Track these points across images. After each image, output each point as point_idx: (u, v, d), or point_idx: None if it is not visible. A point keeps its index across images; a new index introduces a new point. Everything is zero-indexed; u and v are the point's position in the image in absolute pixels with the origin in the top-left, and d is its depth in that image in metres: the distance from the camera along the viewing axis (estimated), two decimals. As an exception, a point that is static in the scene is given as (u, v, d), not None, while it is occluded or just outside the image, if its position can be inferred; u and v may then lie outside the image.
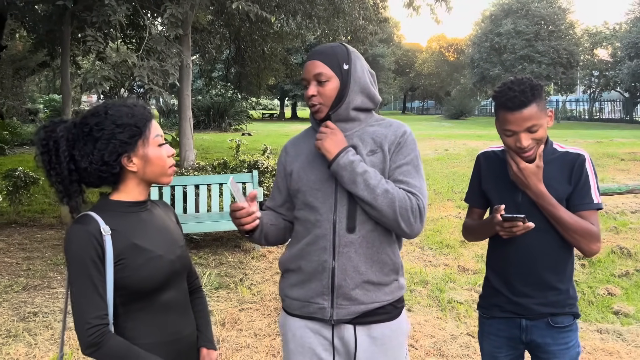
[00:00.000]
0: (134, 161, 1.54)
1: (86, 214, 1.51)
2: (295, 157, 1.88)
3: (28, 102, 29.36)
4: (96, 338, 1.43)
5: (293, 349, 1.83)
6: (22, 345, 3.71)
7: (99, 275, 1.45)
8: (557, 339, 2.02)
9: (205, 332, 1.75)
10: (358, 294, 1.74)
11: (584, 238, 1.93)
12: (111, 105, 1.54)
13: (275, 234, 1.88)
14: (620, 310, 4.39)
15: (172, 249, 1.61)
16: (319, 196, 1.77)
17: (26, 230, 7.13)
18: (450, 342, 3.79)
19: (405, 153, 1.78)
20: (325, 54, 1.78)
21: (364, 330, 1.77)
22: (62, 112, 7.89)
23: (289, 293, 1.84)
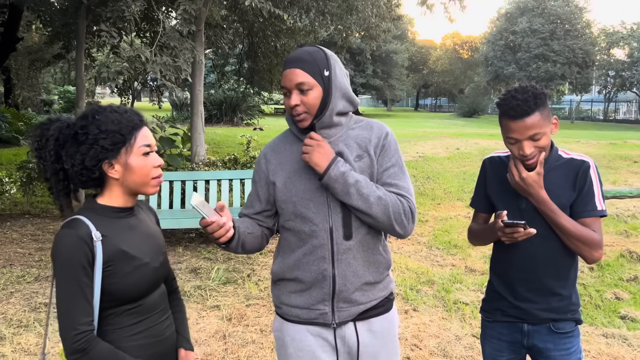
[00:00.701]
0: (116, 168, 1.53)
1: (77, 218, 1.49)
2: (278, 165, 1.85)
3: (43, 93, 29.68)
4: (83, 344, 1.43)
5: (292, 353, 1.83)
6: (33, 335, 3.79)
7: (88, 281, 1.45)
8: (558, 344, 2.04)
9: (183, 333, 1.77)
10: (357, 295, 1.79)
11: (585, 245, 1.95)
12: (102, 110, 1.54)
13: (252, 242, 1.85)
14: (627, 314, 4.37)
15: (156, 256, 1.62)
16: (311, 206, 1.76)
17: (39, 221, 7.24)
18: (455, 343, 3.81)
19: (390, 155, 1.82)
20: (306, 62, 1.74)
21: (364, 325, 1.82)
22: (76, 104, 7.99)
23: (287, 301, 1.85)
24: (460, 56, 62.52)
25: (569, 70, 40.71)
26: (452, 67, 60.63)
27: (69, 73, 32.39)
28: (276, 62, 12.87)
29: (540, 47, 40.87)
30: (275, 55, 12.52)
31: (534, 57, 41.16)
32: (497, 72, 44.32)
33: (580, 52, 40.57)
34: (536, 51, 40.92)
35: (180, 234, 6.59)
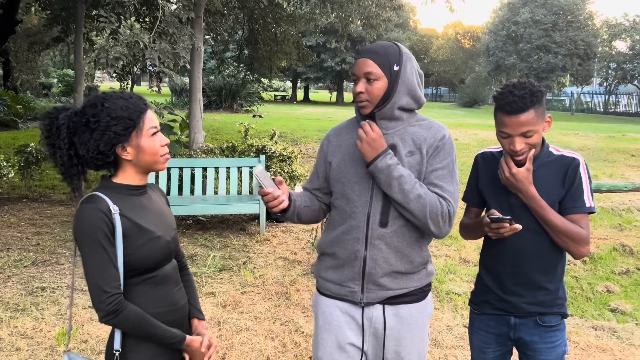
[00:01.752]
0: (128, 150, 1.65)
1: (94, 194, 1.62)
2: (337, 147, 1.98)
3: (42, 77, 29.54)
4: (115, 306, 1.55)
5: (321, 325, 1.97)
6: (29, 319, 3.84)
7: (112, 248, 1.57)
8: (544, 337, 2.08)
9: (195, 304, 1.91)
10: (386, 281, 1.87)
11: (572, 241, 1.98)
12: (108, 97, 1.64)
13: (308, 215, 2.02)
14: (617, 307, 4.43)
15: (168, 231, 1.75)
16: (356, 189, 1.88)
17: (37, 206, 7.28)
18: (446, 333, 3.86)
19: (442, 157, 1.87)
20: (377, 54, 1.84)
21: (392, 309, 1.90)
22: (75, 89, 7.98)
23: (323, 274, 1.98)
24: (461, 46, 62.23)
25: (570, 61, 40.60)
26: (454, 56, 60.38)
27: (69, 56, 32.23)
28: (276, 50, 12.83)
29: (542, 38, 40.70)
30: (275, 43, 12.47)
31: (535, 48, 41.02)
32: (498, 62, 44.19)
33: (582, 43, 40.43)
34: (538, 42, 40.76)
35: (178, 220, 6.63)
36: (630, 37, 42.18)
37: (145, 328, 1.62)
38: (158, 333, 1.63)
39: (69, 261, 5.15)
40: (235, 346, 3.55)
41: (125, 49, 6.02)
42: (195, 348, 1.74)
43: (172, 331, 1.68)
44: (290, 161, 7.32)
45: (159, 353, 1.67)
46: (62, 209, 7.17)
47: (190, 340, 1.72)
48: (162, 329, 1.64)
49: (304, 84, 49.59)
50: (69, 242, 5.72)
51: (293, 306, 4.25)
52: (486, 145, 14.71)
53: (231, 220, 6.83)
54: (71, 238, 5.81)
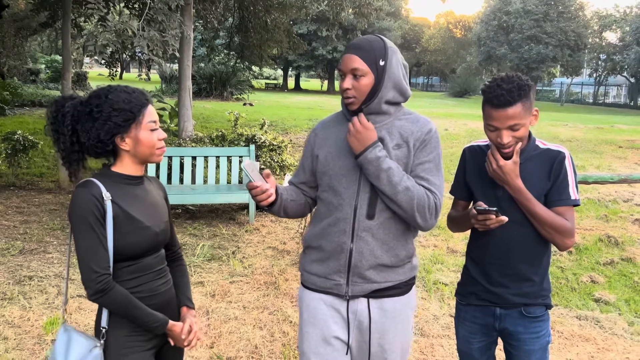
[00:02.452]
0: (127, 141, 1.74)
1: (89, 179, 1.72)
2: (324, 140, 1.99)
3: (30, 62, 29.14)
4: (103, 285, 1.65)
5: (306, 319, 1.98)
6: (17, 308, 3.83)
7: (102, 231, 1.67)
8: (528, 327, 2.11)
9: (185, 293, 1.99)
10: (372, 274, 1.89)
11: (557, 233, 2.01)
12: (113, 89, 1.73)
13: (294, 209, 2.03)
14: (601, 298, 4.49)
15: (158, 223, 1.83)
16: (343, 182, 1.89)
17: (24, 194, 7.22)
18: (432, 323, 3.90)
19: (428, 150, 1.89)
20: (363, 50, 1.85)
21: (377, 303, 1.92)
22: (63, 76, 7.89)
23: (308, 268, 1.99)
24: (453, 35, 62.22)
25: (561, 52, 40.72)
26: (445, 46, 60.39)
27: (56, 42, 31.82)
28: (267, 38, 12.75)
29: (533, 28, 40.75)
30: (265, 31, 12.39)
31: (526, 39, 41.08)
32: (489, 52, 44.23)
33: (572, 34, 40.54)
34: (529, 32, 40.81)
35: (167, 209, 6.61)
36: (620, 28, 42.41)
37: (130, 309, 1.70)
38: (142, 315, 1.72)
39: (57, 250, 5.12)
40: (223, 335, 3.57)
41: (114, 35, 5.96)
42: (176, 332, 1.83)
43: (155, 315, 1.76)
44: (280, 151, 7.31)
45: (137, 333, 1.77)
46: (50, 197, 7.12)
47: (172, 325, 1.81)
48: (145, 312, 1.73)
49: (295, 72, 49.38)
50: (57, 230, 5.69)
51: (281, 296, 4.27)
52: (476, 136, 14.79)
53: (220, 210, 6.83)
54: (59, 227, 5.78)
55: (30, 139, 7.77)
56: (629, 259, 5.46)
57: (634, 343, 3.75)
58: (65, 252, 5.07)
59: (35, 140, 7.87)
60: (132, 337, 1.76)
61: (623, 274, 5.12)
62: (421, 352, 3.47)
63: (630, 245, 5.92)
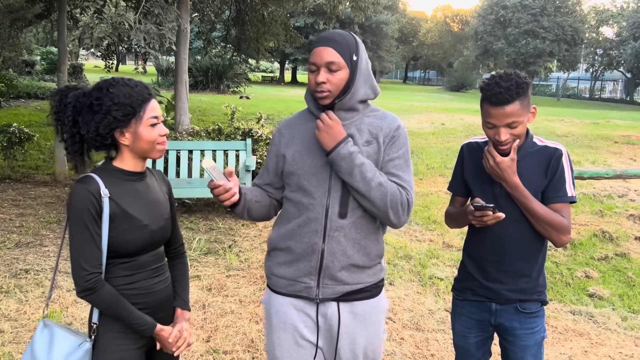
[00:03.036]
0: (126, 136, 1.71)
1: (89, 175, 1.70)
2: (290, 139, 1.92)
3: (25, 54, 28.94)
4: (92, 284, 1.63)
5: (276, 324, 1.92)
6: (13, 301, 3.83)
7: (96, 229, 1.65)
8: (524, 323, 2.13)
9: (181, 294, 1.94)
10: (344, 275, 1.84)
11: (554, 229, 2.02)
12: (115, 83, 1.70)
13: (259, 210, 1.95)
14: (595, 293, 4.53)
15: (156, 221, 1.79)
16: (313, 181, 1.84)
17: (20, 187, 7.20)
18: (428, 317, 3.92)
19: (397, 147, 1.87)
20: (338, 43, 1.80)
21: (347, 306, 1.87)
22: (58, 68, 7.84)
23: (276, 271, 1.92)
24: (450, 29, 62.14)
25: (558, 47, 40.72)
26: (442, 40, 60.31)
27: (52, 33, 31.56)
28: (263, 31, 12.69)
29: (530, 23, 40.73)
30: (262, 24, 12.34)
31: (523, 33, 41.06)
32: (487, 46, 44.20)
33: (569, 29, 40.53)
34: (526, 27, 40.78)
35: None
36: (617, 23, 42.42)
37: (117, 310, 1.68)
38: (129, 317, 1.70)
39: (53, 243, 5.12)
40: (219, 329, 3.58)
41: (110, 27, 5.92)
42: (164, 337, 1.79)
43: (143, 318, 1.73)
44: (277, 144, 7.28)
45: (127, 331, 1.74)
46: (45, 190, 7.11)
47: (159, 330, 1.77)
48: (133, 314, 1.71)
49: (292, 65, 49.22)
50: (53, 223, 5.69)
51: (278, 290, 4.28)
52: (472, 131, 14.81)
53: (217, 204, 6.83)
54: (55, 220, 5.78)
55: (26, 131, 7.74)
56: (623, 254, 5.50)
57: (627, 338, 3.79)
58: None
59: (31, 133, 7.84)
60: (123, 334, 1.74)
61: (617, 269, 5.16)
62: (416, 347, 3.49)
63: (624, 240, 5.95)
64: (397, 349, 3.45)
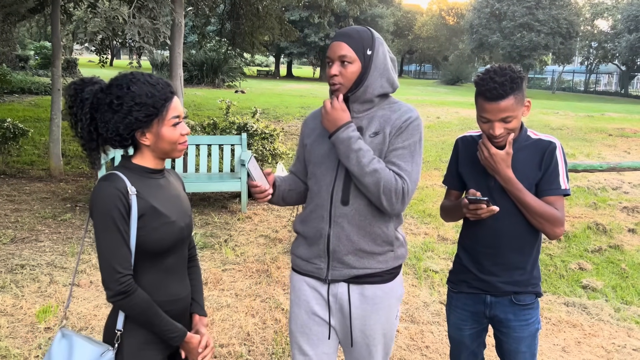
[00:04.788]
0: (147, 136, 1.64)
1: (114, 172, 1.61)
2: (312, 130, 2.05)
3: (18, 49, 28.78)
4: (126, 287, 1.54)
5: (293, 299, 2.06)
6: (9, 296, 3.83)
7: (126, 228, 1.56)
8: (518, 315, 2.15)
9: (198, 300, 1.87)
10: (351, 259, 1.91)
11: (547, 222, 2.03)
12: (136, 79, 1.61)
13: (294, 198, 2.11)
14: (588, 284, 4.56)
15: (182, 217, 1.73)
16: (322, 168, 1.94)
17: (15, 182, 7.17)
18: (423, 310, 3.95)
19: (404, 137, 1.88)
20: (352, 38, 1.87)
21: (357, 289, 1.93)
22: (52, 63, 7.81)
23: (295, 252, 2.06)
24: (445, 23, 62.05)
25: (553, 40, 40.73)
26: (438, 33, 60.23)
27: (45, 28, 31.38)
28: (258, 25, 12.66)
29: (525, 16, 40.70)
30: (257, 18, 12.30)
31: (518, 26, 41.04)
32: (482, 40, 44.17)
33: (564, 22, 40.53)
34: (521, 20, 40.76)
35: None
36: (612, 16, 42.49)
37: (149, 315, 1.59)
38: (161, 324, 1.62)
39: (48, 238, 5.11)
40: (216, 323, 3.60)
41: (104, 22, 5.90)
42: (193, 346, 1.72)
43: (174, 325, 1.66)
44: (272, 139, 7.30)
45: (153, 340, 1.66)
46: (40, 185, 7.09)
47: (189, 337, 1.70)
48: (165, 320, 1.63)
49: (287, 59, 49.11)
50: (48, 219, 5.68)
51: (273, 283, 4.30)
52: (467, 124, 14.83)
53: (212, 198, 6.83)
54: (50, 215, 5.77)
55: (21, 126, 7.70)
56: (617, 246, 5.54)
57: (619, 328, 3.82)
58: (57, 240, 5.07)
59: (26, 128, 7.81)
60: (149, 342, 1.65)
61: (610, 261, 5.20)
62: (411, 339, 3.52)
63: (618, 232, 6.00)
64: (392, 341, 3.47)
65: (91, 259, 4.56)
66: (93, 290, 3.98)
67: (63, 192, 6.77)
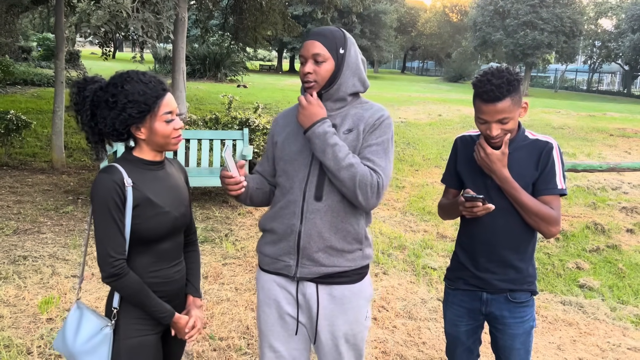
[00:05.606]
0: (142, 131, 1.77)
1: (113, 165, 1.76)
2: (283, 128, 2.04)
3: (21, 40, 28.75)
4: (118, 270, 1.70)
5: (262, 299, 2.05)
6: (12, 287, 3.87)
7: (121, 217, 1.71)
8: (513, 312, 2.19)
9: (193, 282, 2.00)
10: (321, 257, 1.91)
11: (543, 221, 2.07)
12: (129, 79, 1.74)
13: (260, 197, 2.07)
14: (585, 284, 4.60)
15: (178, 207, 1.86)
16: (295, 165, 1.95)
17: (17, 174, 7.21)
18: (420, 306, 3.99)
19: (377, 134, 1.92)
20: (325, 37, 1.91)
21: (326, 289, 1.95)
22: (56, 56, 7.83)
23: (262, 250, 2.04)
24: (449, 20, 61.86)
25: (556, 39, 40.56)
26: (441, 30, 60.06)
27: (48, 19, 31.33)
28: (261, 20, 12.67)
29: (529, 14, 40.53)
30: (260, 12, 12.32)
31: (521, 24, 40.87)
32: (485, 37, 43.99)
33: (568, 21, 40.35)
34: (524, 18, 40.59)
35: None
36: (616, 15, 42.36)
37: (140, 296, 1.75)
38: (150, 304, 1.77)
39: (50, 230, 5.16)
40: (215, 316, 3.64)
41: (108, 15, 5.92)
42: (180, 326, 1.86)
43: (163, 305, 1.80)
44: (274, 134, 7.31)
45: (146, 318, 1.81)
46: (43, 177, 7.13)
47: (177, 318, 1.84)
48: (154, 301, 1.77)
49: (290, 54, 49.02)
50: (51, 211, 5.72)
51: (274, 278, 4.34)
52: (469, 122, 14.82)
53: (214, 193, 6.87)
54: (52, 207, 5.81)
55: (24, 118, 7.74)
56: (615, 246, 5.57)
57: (615, 327, 3.86)
58: (59, 232, 5.11)
59: (29, 120, 7.84)
60: (142, 320, 1.80)
61: (608, 260, 5.23)
62: (408, 335, 3.56)
63: (616, 232, 6.03)
64: (389, 336, 3.52)
65: (92, 252, 4.61)
66: (95, 282, 4.03)
67: (65, 185, 6.81)
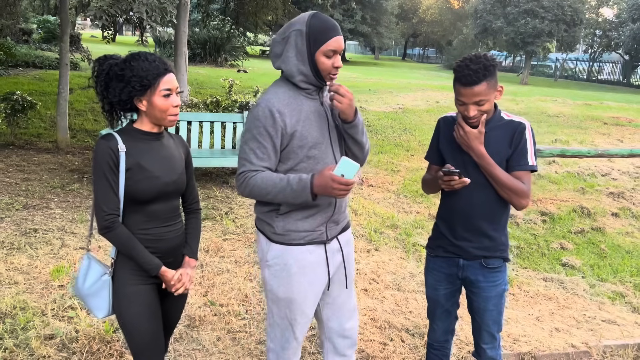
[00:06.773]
0: (143, 102, 2.03)
1: (110, 133, 2.02)
2: (294, 118, 2.07)
3: (22, 22, 28.71)
4: (109, 223, 1.97)
5: (296, 271, 2.17)
6: (24, 257, 4.11)
7: (114, 178, 1.97)
8: (487, 277, 2.42)
9: (190, 244, 2.25)
10: (341, 217, 2.30)
11: (514, 194, 2.30)
12: (137, 57, 2.02)
13: None
14: (568, 262, 4.84)
15: (169, 174, 2.09)
16: (322, 148, 2.14)
17: (23, 153, 7.42)
18: (409, 279, 4.23)
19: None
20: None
21: (342, 237, 2.34)
22: (60, 39, 8.00)
23: (296, 227, 2.14)
24: (450, 7, 61.59)
25: (557, 27, 40.50)
26: (442, 17, 59.82)
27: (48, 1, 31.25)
28: (262, 5, 12.79)
29: (530, 2, 40.43)
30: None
31: (522, 13, 40.80)
32: (486, 25, 43.90)
33: (569, 9, 40.27)
34: (525, 6, 40.51)
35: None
36: (617, 4, 42.25)
37: (129, 248, 2.00)
38: (138, 256, 2.02)
39: (58, 206, 5.38)
40: (216, 285, 3.88)
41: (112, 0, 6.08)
42: (166, 279, 2.10)
43: (150, 258, 2.04)
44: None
45: (139, 269, 2.06)
46: (48, 157, 7.34)
47: (164, 271, 2.08)
48: (142, 254, 2.02)
49: (290, 39, 48.75)
50: (57, 188, 5.94)
51: (271, 253, 4.58)
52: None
53: (214, 174, 7.09)
54: (59, 185, 6.04)
55: (29, 99, 7.92)
56: (599, 228, 5.81)
57: (592, 302, 4.11)
58: (67, 208, 5.34)
59: (34, 101, 8.03)
60: (136, 271, 2.05)
61: (591, 242, 5.47)
62: (396, 304, 3.81)
63: (601, 216, 6.27)
64: (378, 305, 3.76)
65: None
66: (101, 254, 4.26)
67: (70, 164, 7.03)
